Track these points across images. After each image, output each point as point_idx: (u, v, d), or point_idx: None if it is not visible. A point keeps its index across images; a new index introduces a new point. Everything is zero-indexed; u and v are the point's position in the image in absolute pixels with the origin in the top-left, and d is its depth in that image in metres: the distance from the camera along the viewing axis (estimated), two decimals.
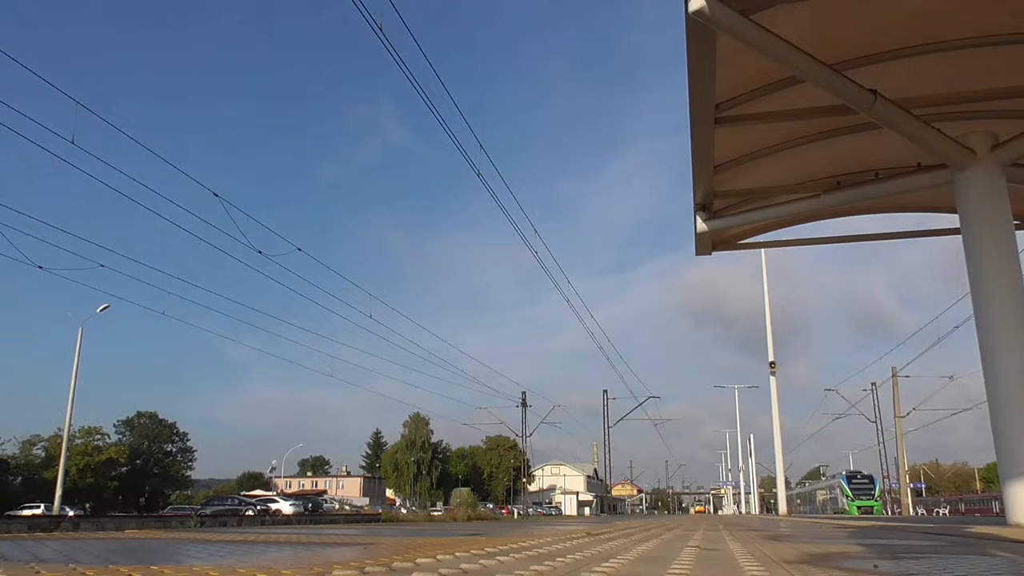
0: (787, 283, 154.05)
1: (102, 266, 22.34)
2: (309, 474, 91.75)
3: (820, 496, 61.20)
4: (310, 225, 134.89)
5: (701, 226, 12.90)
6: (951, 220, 13.14)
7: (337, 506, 47.68)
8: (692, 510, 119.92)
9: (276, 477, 77.24)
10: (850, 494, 49.61)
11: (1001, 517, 10.39)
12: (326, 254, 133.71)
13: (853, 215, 14.51)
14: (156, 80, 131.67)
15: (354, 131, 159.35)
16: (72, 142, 14.72)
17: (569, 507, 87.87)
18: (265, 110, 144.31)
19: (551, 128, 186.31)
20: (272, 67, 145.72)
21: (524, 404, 56.39)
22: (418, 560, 4.36)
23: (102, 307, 36.89)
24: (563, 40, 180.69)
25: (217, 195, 17.77)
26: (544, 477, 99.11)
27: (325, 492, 67.58)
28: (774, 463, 38.50)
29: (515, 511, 59.15)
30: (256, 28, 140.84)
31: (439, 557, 4.59)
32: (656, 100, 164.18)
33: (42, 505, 40.85)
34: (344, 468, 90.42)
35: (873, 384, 52.54)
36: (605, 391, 65.41)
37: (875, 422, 53.57)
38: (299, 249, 21.96)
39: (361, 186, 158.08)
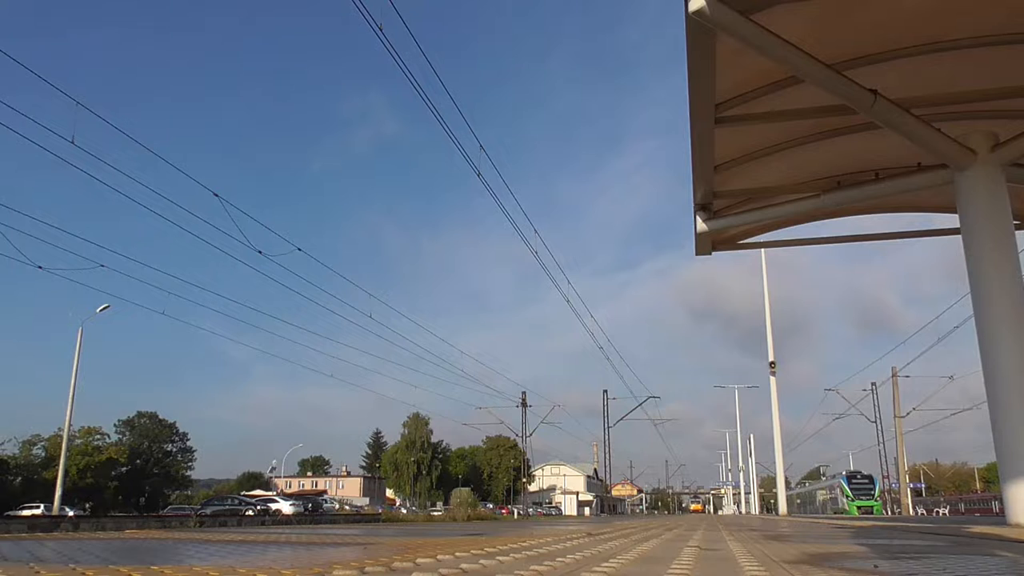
0: (789, 281, 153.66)
1: (102, 266, 22.40)
2: (309, 474, 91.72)
3: (820, 496, 61.17)
4: (309, 225, 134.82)
5: (701, 226, 12.89)
6: (951, 220, 13.13)
7: (337, 506, 47.67)
8: (691, 506, 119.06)
9: (276, 477, 77.23)
10: (850, 494, 49.59)
11: (1001, 517, 10.38)
12: (325, 254, 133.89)
13: (853, 215, 14.51)
14: (156, 80, 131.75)
15: (352, 130, 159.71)
16: (72, 142, 14.73)
17: (569, 507, 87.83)
18: (262, 109, 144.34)
19: (551, 127, 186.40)
20: (270, 66, 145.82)
21: (524, 404, 56.39)
22: (418, 560, 4.36)
23: (102, 307, 36.92)
24: (563, 38, 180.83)
25: (217, 195, 17.80)
26: (544, 477, 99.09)
27: (325, 492, 67.51)
28: (774, 463, 38.54)
29: (515, 511, 59.12)
30: (255, 27, 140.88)
31: (439, 557, 4.59)
32: (656, 98, 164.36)
33: (42, 505, 40.82)
34: (344, 468, 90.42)
35: (873, 384, 52.69)
36: (605, 391, 65.59)
37: (875, 422, 53.68)
38: (299, 249, 22.00)
39: (360, 185, 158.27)
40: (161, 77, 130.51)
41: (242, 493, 53.78)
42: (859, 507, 47.47)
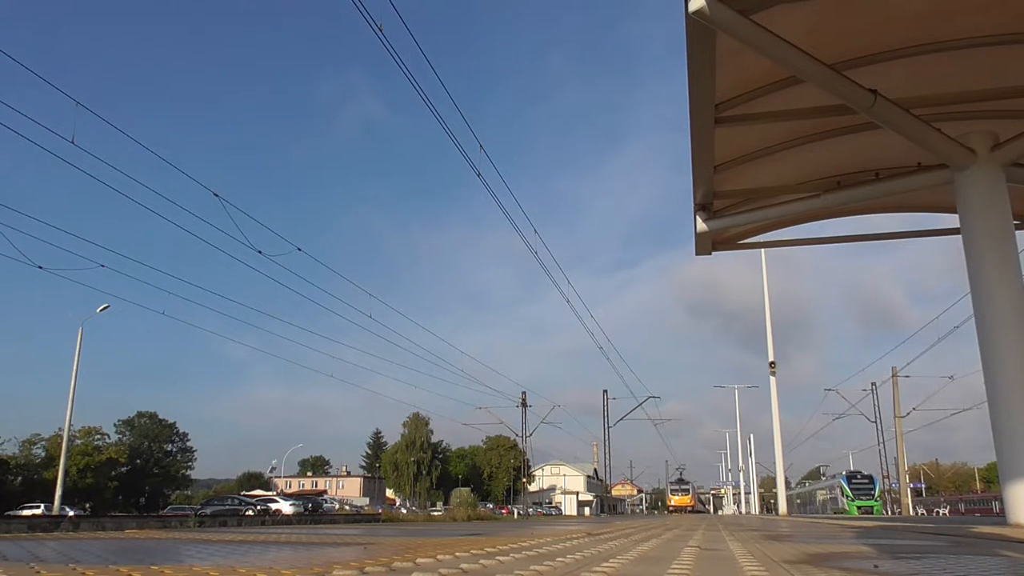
0: (790, 277, 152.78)
1: (102, 266, 22.35)
2: (309, 474, 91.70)
3: (820, 496, 61.17)
4: (309, 225, 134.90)
5: (701, 226, 12.89)
6: (952, 220, 13.14)
7: (337, 506, 47.64)
8: (671, 500, 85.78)
9: (276, 477, 77.23)
10: (850, 494, 49.57)
11: (1001, 517, 10.39)
12: (326, 254, 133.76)
13: (853, 215, 14.51)
14: (156, 80, 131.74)
15: (350, 130, 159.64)
16: (72, 142, 14.70)
17: (569, 507, 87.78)
18: (261, 109, 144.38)
19: (551, 125, 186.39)
20: (267, 64, 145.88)
21: (524, 404, 56.33)
22: (418, 560, 4.36)
23: (102, 307, 36.93)
24: (563, 35, 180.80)
25: (217, 195, 17.74)
26: (544, 477, 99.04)
27: (325, 492, 67.55)
28: (774, 463, 38.53)
29: (515, 511, 59.10)
30: (254, 27, 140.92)
31: (439, 557, 4.59)
32: (656, 95, 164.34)
33: (42, 505, 40.83)
34: (344, 468, 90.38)
35: (873, 384, 52.66)
36: (605, 391, 65.48)
37: (875, 422, 53.68)
38: (299, 249, 21.93)
39: (359, 185, 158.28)
40: (161, 77, 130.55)
41: (242, 493, 53.79)
42: (859, 507, 47.45)
